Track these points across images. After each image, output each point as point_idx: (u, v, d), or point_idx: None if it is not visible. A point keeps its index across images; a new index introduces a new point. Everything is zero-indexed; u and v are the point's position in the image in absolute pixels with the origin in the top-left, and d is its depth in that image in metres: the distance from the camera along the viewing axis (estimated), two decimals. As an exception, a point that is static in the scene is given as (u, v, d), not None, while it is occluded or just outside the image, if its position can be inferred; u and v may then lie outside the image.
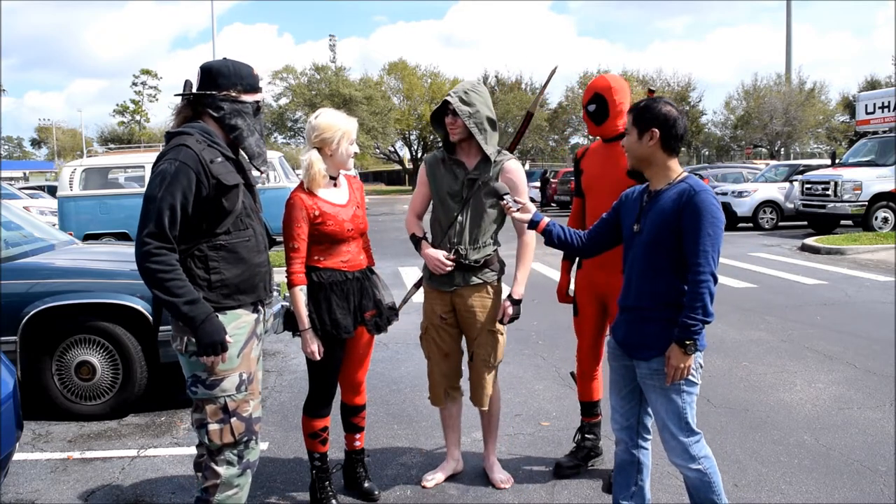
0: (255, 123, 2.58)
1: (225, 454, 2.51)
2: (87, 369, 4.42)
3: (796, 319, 6.98)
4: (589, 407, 3.61)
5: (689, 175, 2.49)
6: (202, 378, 2.47)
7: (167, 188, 2.33)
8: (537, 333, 6.19)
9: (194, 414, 2.54)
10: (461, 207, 3.24)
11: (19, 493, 3.46)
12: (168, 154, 2.38)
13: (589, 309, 3.45)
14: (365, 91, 42.57)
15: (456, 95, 3.17)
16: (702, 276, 2.35)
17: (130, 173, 13.01)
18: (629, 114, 2.55)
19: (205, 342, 2.38)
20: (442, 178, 3.29)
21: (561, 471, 3.52)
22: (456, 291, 3.28)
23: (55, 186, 18.16)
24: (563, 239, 2.78)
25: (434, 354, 3.37)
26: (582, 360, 3.57)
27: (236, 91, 2.51)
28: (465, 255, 3.23)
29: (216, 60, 2.55)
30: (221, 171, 2.42)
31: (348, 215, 3.07)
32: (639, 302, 2.53)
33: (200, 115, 2.54)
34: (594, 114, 3.33)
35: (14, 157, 76.28)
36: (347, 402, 3.31)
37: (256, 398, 2.59)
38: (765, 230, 16.46)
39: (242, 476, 2.56)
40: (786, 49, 38.84)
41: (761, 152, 41.33)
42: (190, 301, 2.34)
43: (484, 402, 3.36)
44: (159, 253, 2.31)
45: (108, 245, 6.68)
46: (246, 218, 2.54)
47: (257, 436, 2.59)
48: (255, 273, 2.56)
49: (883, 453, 3.73)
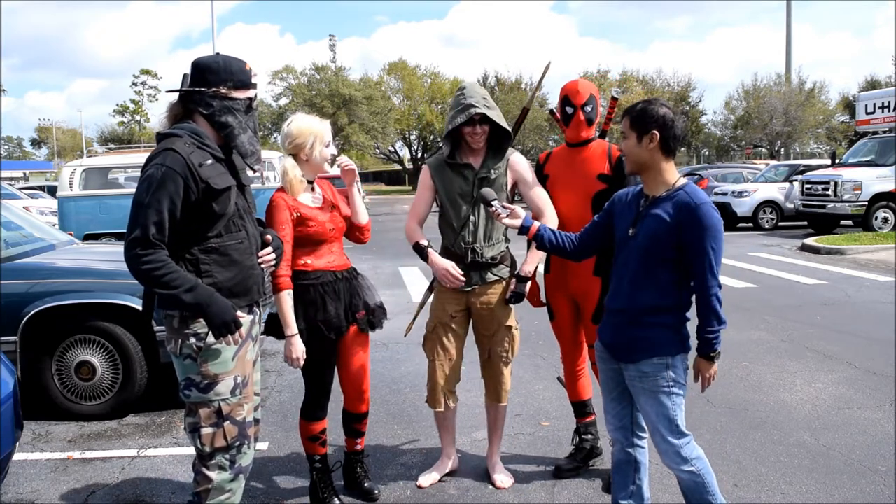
0: (248, 121, 2.50)
1: (217, 458, 2.47)
2: (87, 369, 4.42)
3: (796, 319, 6.98)
4: (580, 407, 3.63)
5: (687, 182, 2.49)
6: (196, 381, 2.44)
7: (153, 194, 2.29)
8: (537, 333, 6.18)
9: (187, 418, 2.50)
10: (473, 207, 3.25)
11: (19, 493, 3.46)
12: (156, 158, 2.33)
13: (563, 311, 3.49)
14: (365, 91, 42.53)
15: (482, 105, 3.17)
16: (710, 290, 2.41)
17: (130, 173, 13.02)
18: (625, 116, 2.53)
19: (216, 324, 2.34)
20: (451, 181, 3.29)
21: (561, 473, 3.53)
22: (473, 290, 3.29)
23: (55, 186, 18.16)
24: (555, 243, 2.78)
25: (438, 356, 3.36)
26: (565, 362, 3.60)
27: (226, 88, 2.43)
28: (482, 253, 3.24)
29: (207, 56, 2.49)
30: (211, 174, 2.37)
31: (327, 216, 3.07)
32: (629, 305, 2.53)
33: (191, 112, 2.48)
34: (588, 115, 3.32)
35: (14, 157, 76.28)
36: (352, 411, 3.29)
37: (251, 402, 2.56)
38: (765, 230, 16.46)
39: (234, 481, 2.50)
40: (786, 49, 38.82)
41: (761, 152, 41.31)
42: (189, 289, 2.31)
43: (503, 397, 3.41)
44: (147, 253, 2.28)
45: (108, 245, 6.67)
46: (238, 220, 2.48)
47: (251, 440, 2.55)
48: (248, 275, 2.51)
49: (883, 453, 3.73)
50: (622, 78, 42.74)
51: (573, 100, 3.32)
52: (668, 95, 41.12)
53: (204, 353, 2.42)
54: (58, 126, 73.34)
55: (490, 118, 3.19)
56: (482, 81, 48.84)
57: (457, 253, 3.28)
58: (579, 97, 3.32)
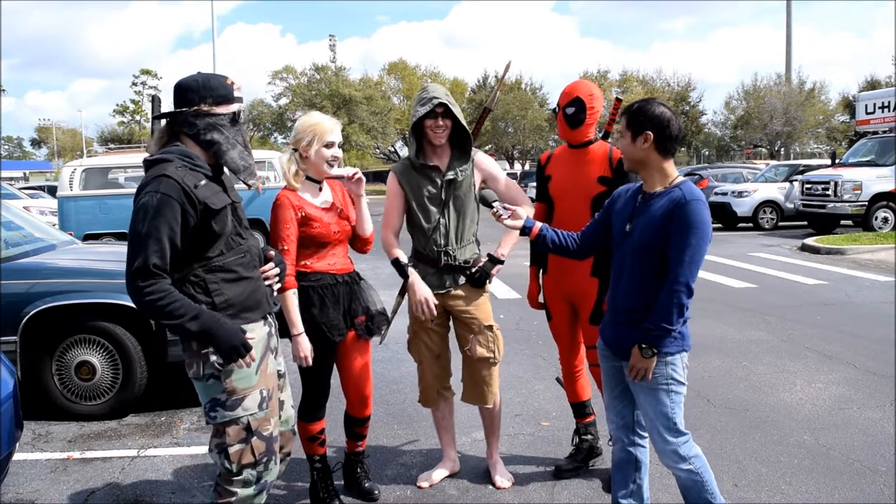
0: (236, 135, 2.42)
1: (244, 475, 2.41)
2: (87, 369, 4.42)
3: (796, 319, 6.98)
4: (579, 407, 3.62)
5: (684, 181, 2.47)
6: (221, 400, 2.37)
7: (151, 222, 2.22)
8: (537, 333, 6.18)
9: (214, 439, 2.43)
10: (442, 209, 3.24)
11: (19, 493, 3.46)
12: (148, 186, 2.25)
13: (560, 312, 3.50)
14: (365, 91, 42.54)
15: (443, 97, 3.16)
16: (676, 286, 2.35)
17: (130, 173, 13.00)
18: (622, 115, 2.53)
19: (225, 349, 2.29)
20: (418, 184, 3.27)
21: (561, 473, 3.53)
22: (448, 293, 3.28)
23: (55, 186, 18.16)
24: (558, 243, 2.76)
25: (425, 358, 3.36)
26: (563, 363, 3.60)
27: (207, 104, 2.35)
28: (454, 255, 3.23)
29: (187, 76, 2.42)
30: (207, 194, 2.31)
31: (333, 219, 3.05)
32: (627, 303, 2.53)
33: (177, 134, 2.41)
34: (571, 117, 3.32)
35: (14, 157, 76.30)
36: (355, 415, 3.29)
37: (276, 416, 2.51)
38: (765, 230, 16.46)
39: (258, 496, 2.45)
40: (786, 49, 38.79)
41: (761, 152, 41.32)
42: (193, 317, 2.25)
43: (488, 399, 3.37)
44: (148, 284, 2.21)
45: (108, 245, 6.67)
46: (236, 236, 2.44)
47: (276, 456, 2.49)
48: (256, 287, 2.48)
49: (883, 453, 3.73)
50: (622, 78, 42.76)
51: (559, 100, 3.36)
52: (667, 95, 41.13)
53: (227, 370, 2.36)
54: (58, 126, 73.41)
55: (452, 112, 3.16)
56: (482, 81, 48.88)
57: (429, 256, 3.26)
58: (563, 97, 3.34)
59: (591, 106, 3.30)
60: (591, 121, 3.32)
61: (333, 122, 3.03)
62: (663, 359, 2.47)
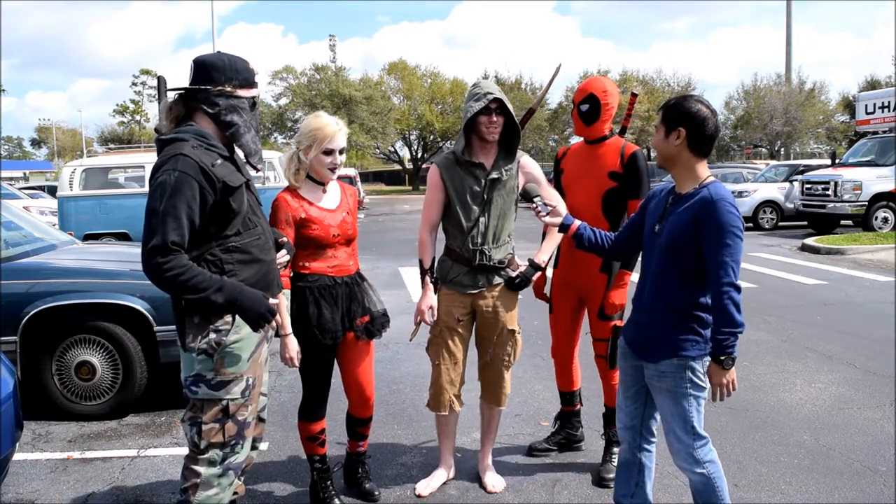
0: (252, 120, 2.45)
1: (210, 453, 2.43)
2: (87, 369, 4.42)
3: (796, 319, 6.98)
4: (566, 396, 3.74)
5: (714, 181, 2.42)
6: (207, 378, 2.39)
7: (168, 200, 2.22)
8: (537, 333, 6.18)
9: (189, 412, 2.45)
10: (483, 208, 3.21)
11: (19, 493, 3.46)
12: (166, 164, 2.25)
13: (563, 306, 3.59)
14: (365, 91, 42.51)
15: (498, 92, 3.12)
16: (723, 288, 2.31)
17: (130, 173, 12.99)
18: (659, 110, 2.50)
19: (252, 317, 2.32)
20: (461, 180, 3.22)
21: (532, 452, 3.70)
22: (480, 293, 3.27)
23: (55, 186, 18.15)
24: (595, 242, 2.75)
25: (444, 360, 3.31)
26: (556, 354, 3.69)
27: (232, 86, 2.37)
28: (490, 255, 3.22)
29: (210, 54, 2.43)
30: (225, 172, 2.33)
31: (336, 220, 3.02)
32: (651, 304, 2.51)
33: (193, 111, 2.41)
34: (586, 114, 3.39)
35: (14, 157, 76.28)
36: (357, 416, 3.28)
37: (255, 403, 2.53)
38: (765, 230, 16.47)
39: (223, 477, 2.45)
40: (786, 49, 38.79)
41: (761, 152, 41.31)
42: (218, 289, 2.26)
43: (503, 401, 3.39)
44: (168, 260, 2.21)
45: (108, 245, 6.68)
46: (253, 216, 2.46)
47: (246, 441, 2.51)
48: (268, 270, 2.49)
49: (883, 453, 3.73)
50: (622, 78, 42.71)
51: (574, 97, 3.44)
52: (667, 95, 41.11)
53: (221, 352, 2.38)
54: (58, 126, 73.41)
55: (507, 108, 3.12)
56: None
57: (464, 255, 3.24)
58: (577, 94, 3.43)
59: (605, 102, 3.35)
60: (605, 117, 3.37)
61: (337, 128, 2.98)
62: (684, 362, 2.44)
